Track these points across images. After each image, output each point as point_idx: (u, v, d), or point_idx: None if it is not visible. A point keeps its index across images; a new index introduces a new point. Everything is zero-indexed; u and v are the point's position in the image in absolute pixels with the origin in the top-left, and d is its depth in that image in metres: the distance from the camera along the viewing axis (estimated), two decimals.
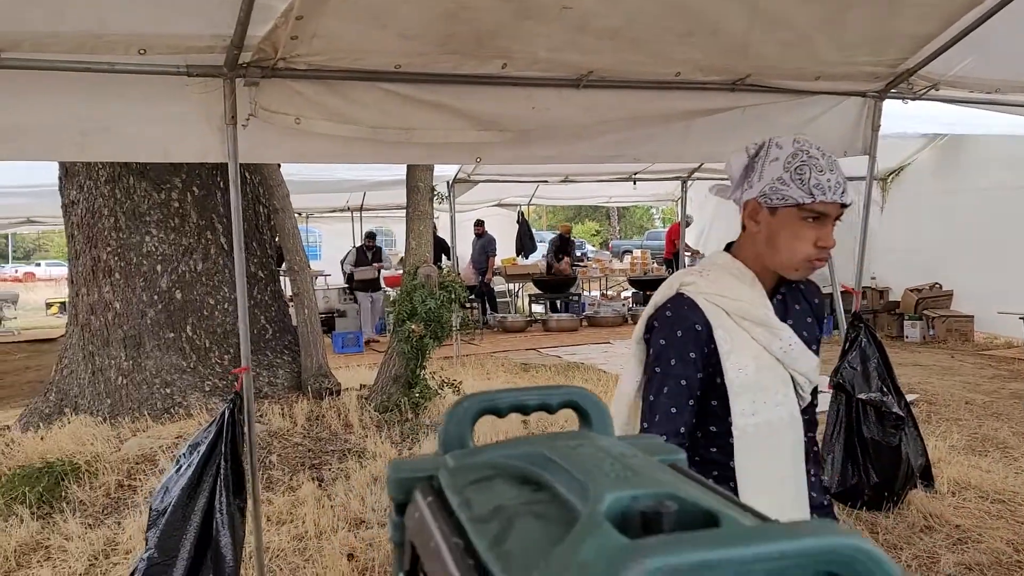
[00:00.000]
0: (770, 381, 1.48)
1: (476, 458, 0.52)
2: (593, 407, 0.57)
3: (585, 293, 14.65)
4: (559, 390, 0.58)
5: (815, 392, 1.58)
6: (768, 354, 1.49)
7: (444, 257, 11.38)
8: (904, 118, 6.18)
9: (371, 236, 10.93)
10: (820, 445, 3.68)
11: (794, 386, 1.52)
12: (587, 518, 0.39)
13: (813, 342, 1.58)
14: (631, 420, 1.50)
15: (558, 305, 12.77)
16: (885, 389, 3.47)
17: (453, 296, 5.70)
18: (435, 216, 6.75)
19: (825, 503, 1.60)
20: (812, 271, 1.49)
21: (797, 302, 1.59)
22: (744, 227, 1.55)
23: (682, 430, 1.46)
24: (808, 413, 1.57)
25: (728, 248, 1.59)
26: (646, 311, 1.56)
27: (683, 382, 1.48)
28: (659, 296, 1.55)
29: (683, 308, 1.49)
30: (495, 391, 0.58)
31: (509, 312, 13.13)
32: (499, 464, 0.50)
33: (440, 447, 0.56)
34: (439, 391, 5.91)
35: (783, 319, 1.54)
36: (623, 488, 0.40)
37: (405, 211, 6.05)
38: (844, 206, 1.45)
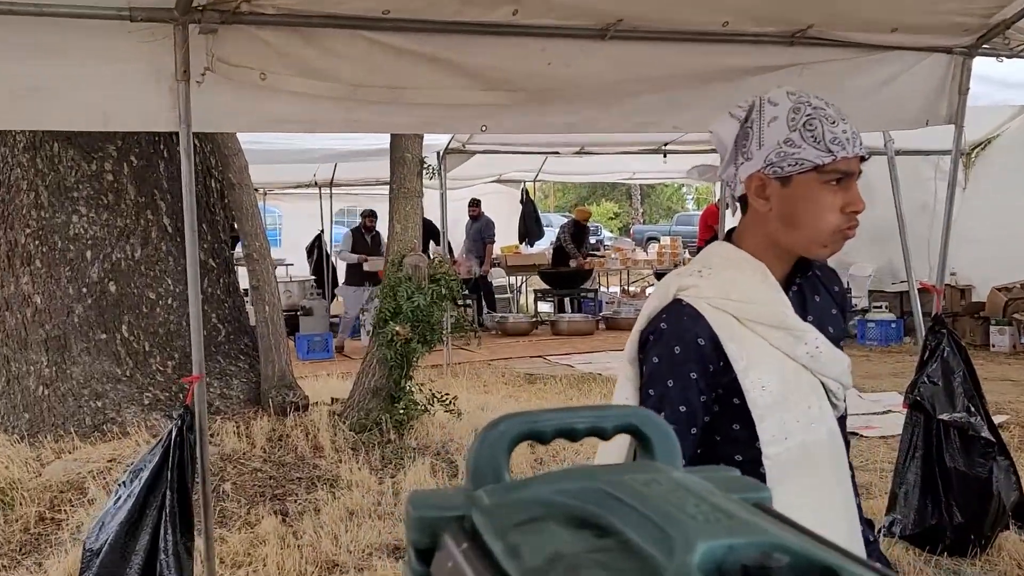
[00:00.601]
0: (799, 395, 1.45)
1: (519, 494, 0.50)
2: (657, 432, 0.56)
3: (602, 289, 14.67)
4: (613, 412, 0.57)
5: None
6: (792, 361, 1.45)
7: (433, 243, 11.39)
8: (993, 83, 6.13)
9: (371, 215, 10.87)
10: (892, 475, 3.65)
11: (826, 394, 1.48)
12: (675, 573, 0.38)
13: (840, 338, 1.54)
14: (624, 453, 1.41)
15: (569, 303, 12.79)
16: (972, 409, 3.42)
17: (445, 291, 5.68)
18: (422, 194, 6.75)
19: (871, 539, 1.57)
20: (843, 243, 1.45)
21: (816, 292, 1.56)
22: (745, 208, 1.51)
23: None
24: (842, 425, 1.53)
25: (729, 238, 1.55)
26: (638, 324, 1.52)
27: (683, 408, 1.44)
28: (652, 305, 1.51)
29: (682, 318, 1.45)
30: (536, 412, 0.57)
31: (510, 311, 13.16)
32: (549, 502, 0.49)
33: (469, 480, 0.55)
34: (428, 407, 5.91)
35: (803, 315, 1.50)
36: (716, 536, 0.39)
37: (388, 188, 6.03)
38: (863, 159, 1.43)
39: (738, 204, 1.56)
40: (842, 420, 1.55)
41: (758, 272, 1.50)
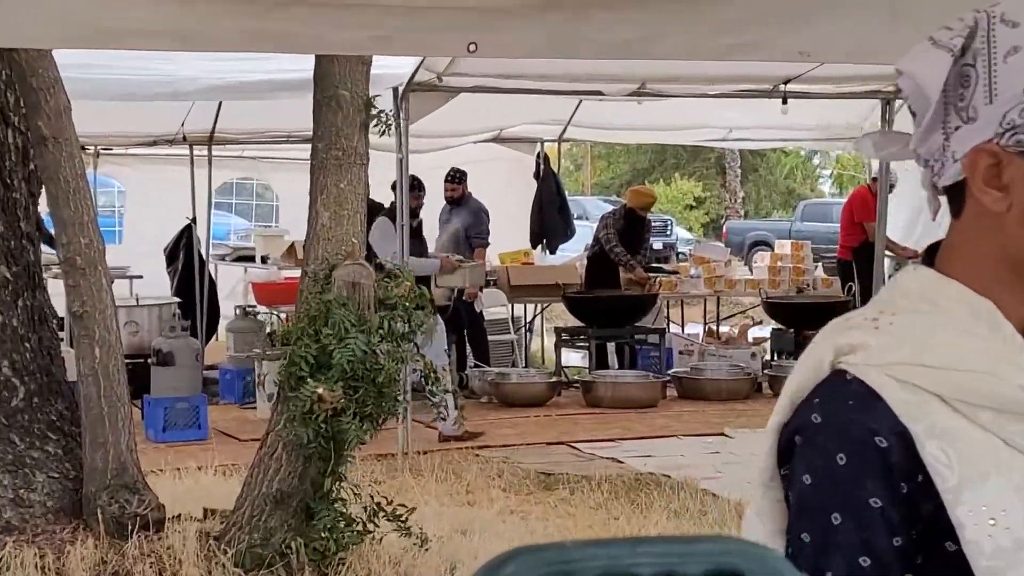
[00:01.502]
0: None
1: None
2: None
3: (674, 328, 14.66)
4: (700, 545, 0.58)
5: None
6: None
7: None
8: None
9: (417, 187, 10.93)
10: None
11: None
12: None
13: None
14: None
15: (616, 352, 12.79)
16: None
17: (405, 327, 5.72)
18: (369, 160, 6.72)
19: None
20: None
21: None
22: (959, 207, 1.50)
23: None
24: None
25: (930, 258, 1.53)
26: (775, 415, 1.50)
27: (865, 561, 1.42)
28: (797, 381, 1.49)
29: (847, 405, 1.44)
30: (567, 545, 0.58)
31: (515, 362, 13.21)
32: None
33: None
34: (370, 526, 5.92)
35: None
36: None
37: (310, 150, 6.07)
38: None
39: (945, 199, 1.52)
40: None
41: (982, 317, 1.45)
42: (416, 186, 10.70)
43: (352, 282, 5.75)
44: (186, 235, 13.27)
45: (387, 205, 10.97)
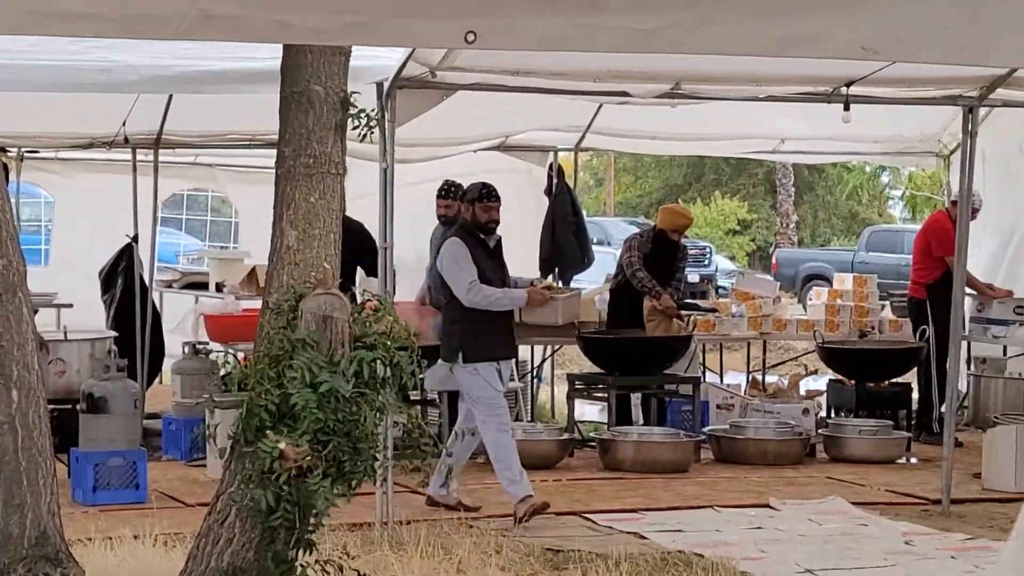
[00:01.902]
0: None
1: None
2: None
3: (710, 376, 14.61)
4: None
5: None
6: None
7: (362, 270, 11.33)
8: None
9: (485, 196, 10.02)
10: None
11: None
12: None
13: None
14: None
15: (641, 405, 12.76)
16: None
17: (387, 370, 5.72)
18: (346, 170, 6.68)
19: None
20: None
21: None
22: None
23: None
24: None
25: None
26: None
27: None
28: None
29: None
30: None
31: (519, 415, 13.23)
32: None
33: None
34: None
35: None
36: None
37: (276, 159, 6.07)
38: None
39: None
40: None
41: None
42: (487, 195, 10.11)
43: (323, 315, 5.74)
44: (126, 256, 13.23)
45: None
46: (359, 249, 10.89)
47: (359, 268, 11.51)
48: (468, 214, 10.15)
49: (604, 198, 40.90)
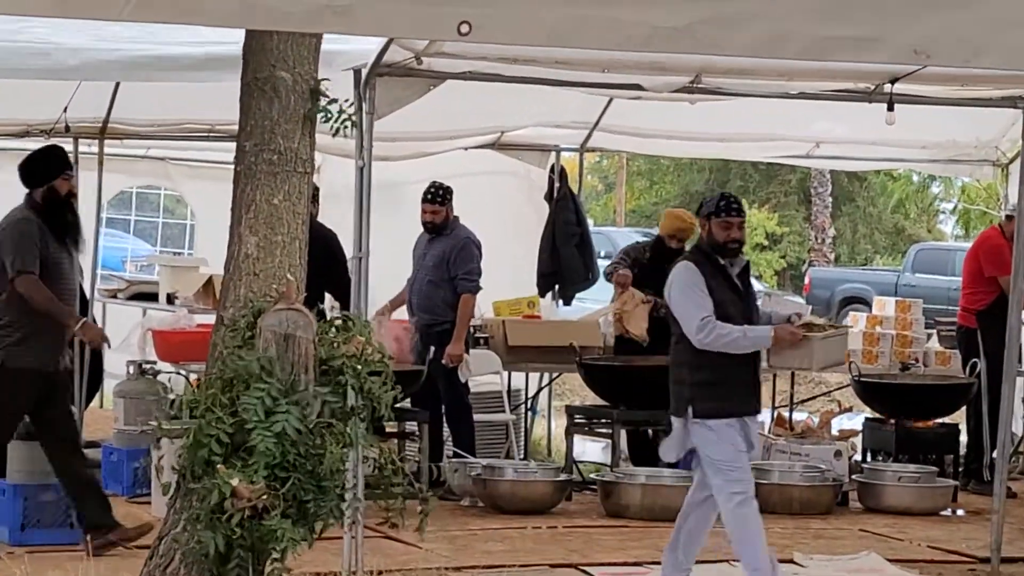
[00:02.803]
0: None
1: None
2: None
3: None
4: None
5: None
6: None
7: (329, 288, 11.36)
8: None
9: (727, 209, 9.04)
10: None
11: None
12: None
13: None
14: None
15: (650, 442, 12.77)
16: None
17: (359, 400, 5.73)
18: (315, 168, 6.68)
19: None
20: None
21: None
22: None
23: None
24: None
25: None
26: None
27: None
28: None
29: None
30: None
31: (510, 452, 13.22)
32: None
33: None
34: None
35: None
36: None
37: (236, 154, 6.14)
38: None
39: None
40: None
41: None
42: (726, 207, 9.21)
43: (284, 334, 5.75)
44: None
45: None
46: (326, 260, 10.90)
47: (324, 282, 11.51)
48: (704, 232, 9.29)
49: (614, 205, 40.86)
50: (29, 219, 9.57)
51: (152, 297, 14.41)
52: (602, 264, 16.05)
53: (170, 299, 13.85)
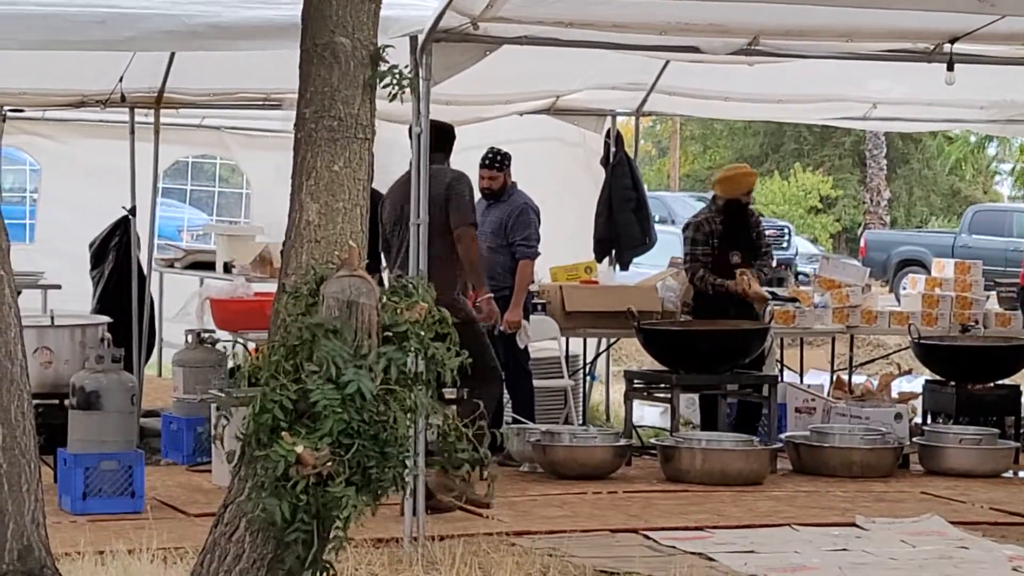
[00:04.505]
0: None
1: None
2: None
3: (791, 376, 14.54)
4: None
5: None
6: None
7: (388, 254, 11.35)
8: None
9: None
10: None
11: None
12: None
13: None
14: None
15: (703, 408, 12.75)
16: None
17: (424, 367, 5.73)
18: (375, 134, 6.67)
19: None
20: None
21: None
22: None
23: None
24: None
25: None
26: None
27: None
28: None
29: None
30: None
31: (569, 417, 13.22)
32: None
33: None
34: None
35: None
36: None
37: (296, 121, 6.08)
38: None
39: None
40: None
41: None
42: None
43: (348, 301, 5.74)
44: (121, 231, 13.25)
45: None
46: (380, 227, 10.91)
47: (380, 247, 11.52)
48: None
49: (668, 170, 40.82)
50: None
51: (209, 266, 14.42)
52: (659, 228, 16.08)
53: (227, 268, 13.84)
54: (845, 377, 14.64)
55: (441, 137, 10.58)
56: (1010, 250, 23.20)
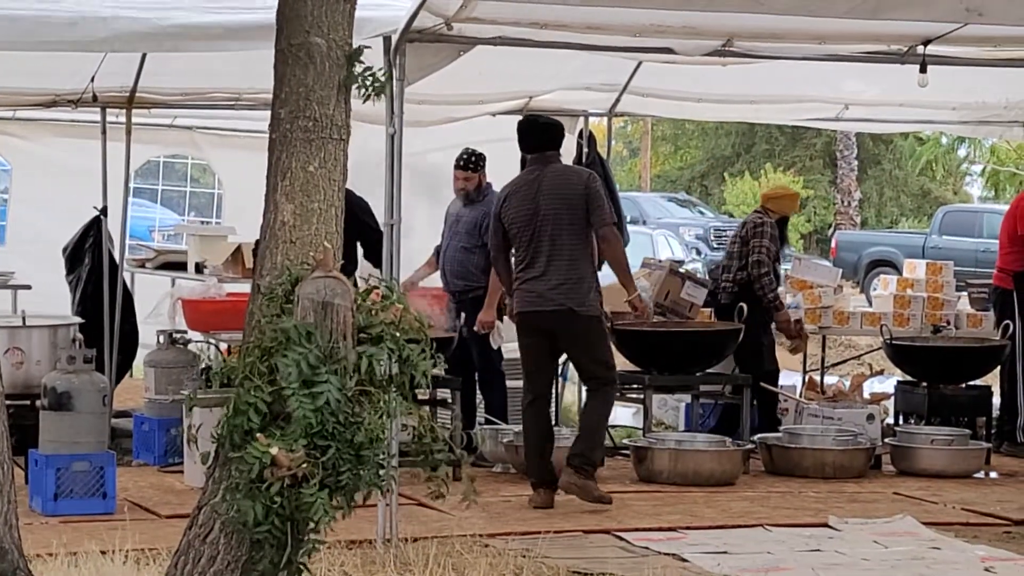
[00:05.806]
0: None
1: None
2: None
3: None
4: None
5: None
6: None
7: (365, 252, 11.33)
8: None
9: None
10: None
11: None
12: None
13: None
14: None
15: (686, 410, 12.72)
16: None
17: (397, 368, 5.72)
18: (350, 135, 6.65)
19: None
20: None
21: None
22: None
23: None
24: None
25: None
26: None
27: None
28: None
29: None
30: None
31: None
32: None
33: None
34: None
35: None
36: None
37: (271, 122, 6.08)
38: None
39: None
40: None
41: None
42: None
43: (322, 302, 5.74)
44: (94, 232, 13.21)
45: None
46: (359, 228, 10.89)
47: (357, 246, 11.51)
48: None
49: (639, 171, 40.81)
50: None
51: (181, 267, 14.37)
52: (631, 229, 16.08)
53: (199, 268, 13.79)
54: (817, 378, 14.66)
55: (558, 134, 10.84)
56: (980, 251, 23.24)
